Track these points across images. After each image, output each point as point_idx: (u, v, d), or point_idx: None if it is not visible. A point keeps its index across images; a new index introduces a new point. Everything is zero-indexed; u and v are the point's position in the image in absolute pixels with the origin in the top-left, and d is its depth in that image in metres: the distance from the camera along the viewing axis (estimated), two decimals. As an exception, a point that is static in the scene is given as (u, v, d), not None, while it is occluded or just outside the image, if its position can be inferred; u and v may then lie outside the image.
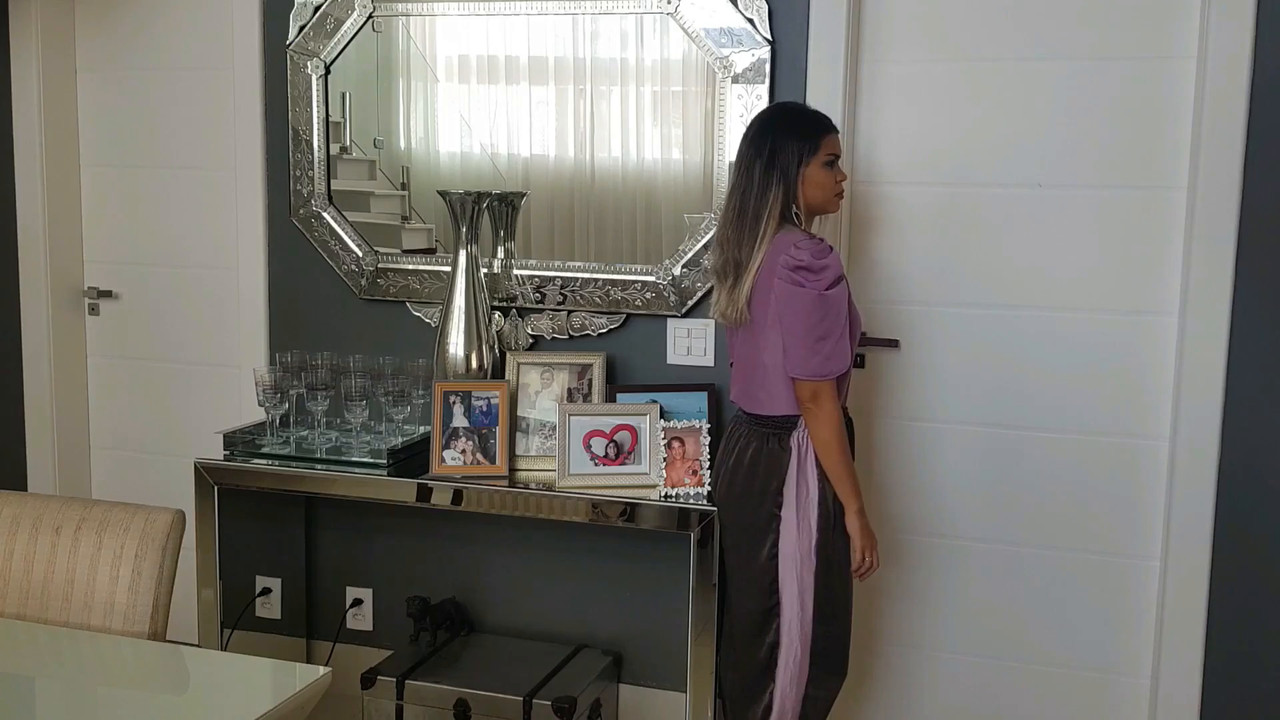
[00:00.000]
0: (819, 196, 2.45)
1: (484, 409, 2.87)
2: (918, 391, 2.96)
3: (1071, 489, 2.89)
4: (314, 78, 3.18)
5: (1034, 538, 2.93)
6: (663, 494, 2.72)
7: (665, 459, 2.73)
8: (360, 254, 3.22)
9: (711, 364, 3.00)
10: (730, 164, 2.84)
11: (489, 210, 3.04)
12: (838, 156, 2.47)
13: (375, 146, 3.24)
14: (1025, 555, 2.94)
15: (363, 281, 3.23)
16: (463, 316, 2.95)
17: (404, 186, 3.22)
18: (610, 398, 2.95)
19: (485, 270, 3.05)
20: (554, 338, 3.10)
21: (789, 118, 2.50)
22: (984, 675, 3.01)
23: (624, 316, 3.04)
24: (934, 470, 2.97)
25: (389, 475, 2.85)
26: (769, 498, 2.44)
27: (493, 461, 2.85)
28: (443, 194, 2.97)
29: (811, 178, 2.43)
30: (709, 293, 2.95)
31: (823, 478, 2.42)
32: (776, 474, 2.43)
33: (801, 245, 2.36)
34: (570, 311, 3.08)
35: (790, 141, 2.42)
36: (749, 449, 2.48)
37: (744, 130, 2.53)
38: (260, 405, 3.00)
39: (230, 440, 3.00)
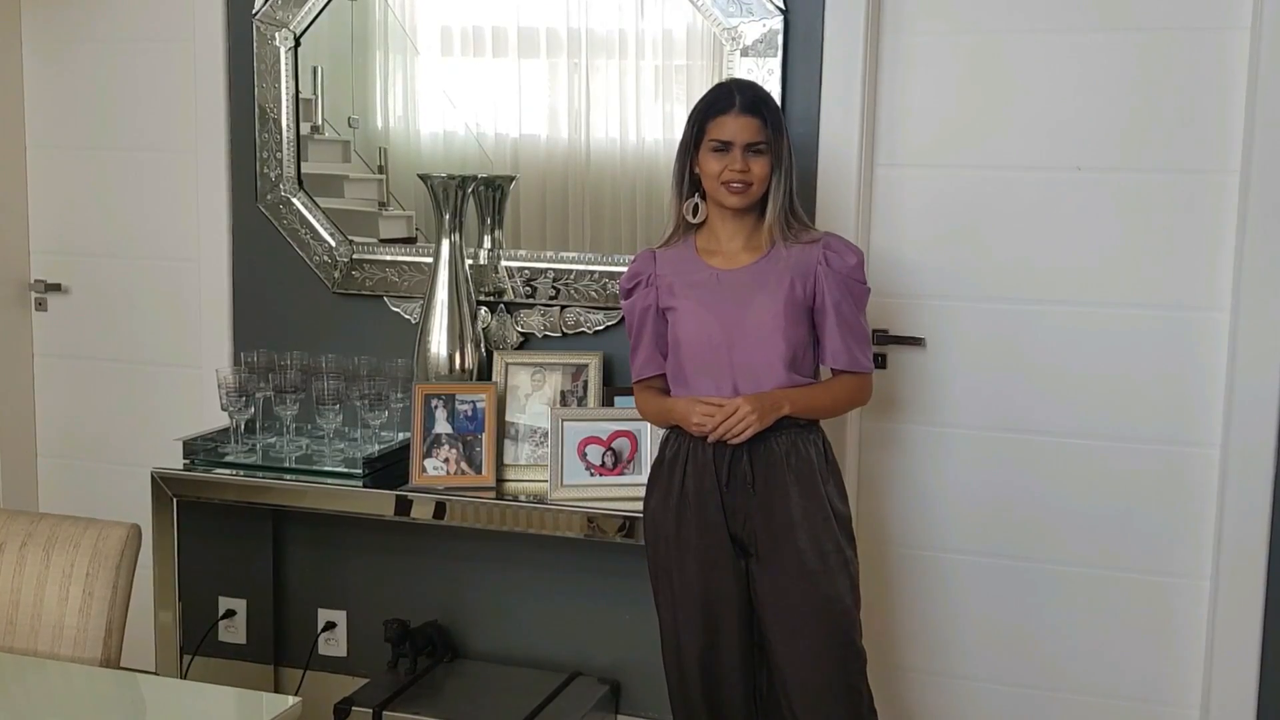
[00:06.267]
0: (709, 187, 2.47)
1: (469, 414, 2.87)
2: (945, 394, 2.96)
3: (1112, 501, 2.88)
4: (283, 50, 3.18)
5: (1071, 555, 2.92)
6: (665, 506, 2.72)
7: (668, 468, 2.74)
8: (333, 244, 3.22)
9: (718, 364, 3.00)
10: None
11: (474, 196, 3.04)
12: (727, 142, 2.40)
13: (350, 126, 3.25)
14: (1061, 573, 2.94)
15: (336, 274, 3.22)
16: (446, 312, 2.95)
17: (381, 170, 3.22)
18: (608, 401, 2.95)
19: (470, 262, 3.05)
20: (546, 335, 3.10)
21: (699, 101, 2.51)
22: (1016, 705, 3.00)
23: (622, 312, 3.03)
24: (960, 480, 2.97)
25: (365, 486, 2.85)
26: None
27: (479, 471, 2.85)
28: (424, 178, 2.97)
29: (701, 165, 2.46)
30: (716, 286, 2.96)
31: (663, 446, 2.54)
32: None
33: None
34: (563, 307, 3.08)
35: (686, 130, 2.49)
36: None
37: None
38: (224, 410, 3.00)
39: (191, 448, 3.00)
